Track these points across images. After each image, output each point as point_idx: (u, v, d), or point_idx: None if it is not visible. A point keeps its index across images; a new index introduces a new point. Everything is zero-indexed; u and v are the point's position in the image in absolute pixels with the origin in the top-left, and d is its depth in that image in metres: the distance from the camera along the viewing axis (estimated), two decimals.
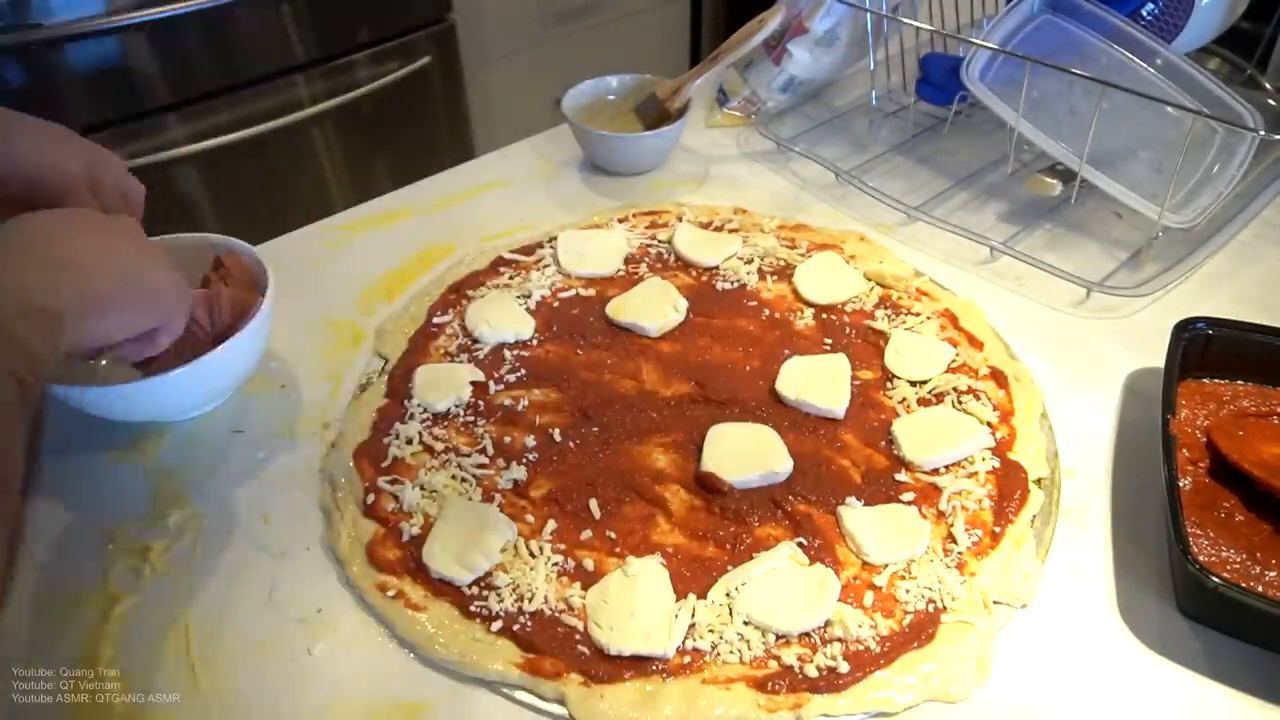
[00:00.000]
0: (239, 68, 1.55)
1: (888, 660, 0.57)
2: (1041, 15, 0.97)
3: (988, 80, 0.93)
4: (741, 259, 0.89)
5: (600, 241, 0.91)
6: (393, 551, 0.63)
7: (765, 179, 1.04)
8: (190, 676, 0.57)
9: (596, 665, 0.57)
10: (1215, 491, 0.65)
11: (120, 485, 0.69)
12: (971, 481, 0.67)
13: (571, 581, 0.62)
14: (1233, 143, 0.90)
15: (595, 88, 1.06)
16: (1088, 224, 0.94)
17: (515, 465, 0.69)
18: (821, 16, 1.03)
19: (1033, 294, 0.86)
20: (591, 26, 2.11)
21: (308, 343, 0.81)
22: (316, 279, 0.89)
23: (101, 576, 0.63)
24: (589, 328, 0.82)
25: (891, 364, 0.77)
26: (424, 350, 0.79)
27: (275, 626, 0.60)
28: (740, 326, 0.82)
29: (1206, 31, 1.04)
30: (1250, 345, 0.72)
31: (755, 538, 0.64)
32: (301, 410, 0.75)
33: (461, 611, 0.60)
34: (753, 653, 0.57)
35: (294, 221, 0.96)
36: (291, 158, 1.68)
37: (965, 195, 0.99)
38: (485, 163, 1.08)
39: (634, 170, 1.04)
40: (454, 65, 1.85)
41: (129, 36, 1.40)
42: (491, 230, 0.95)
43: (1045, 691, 0.56)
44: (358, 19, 1.66)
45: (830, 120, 1.12)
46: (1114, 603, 0.61)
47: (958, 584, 0.61)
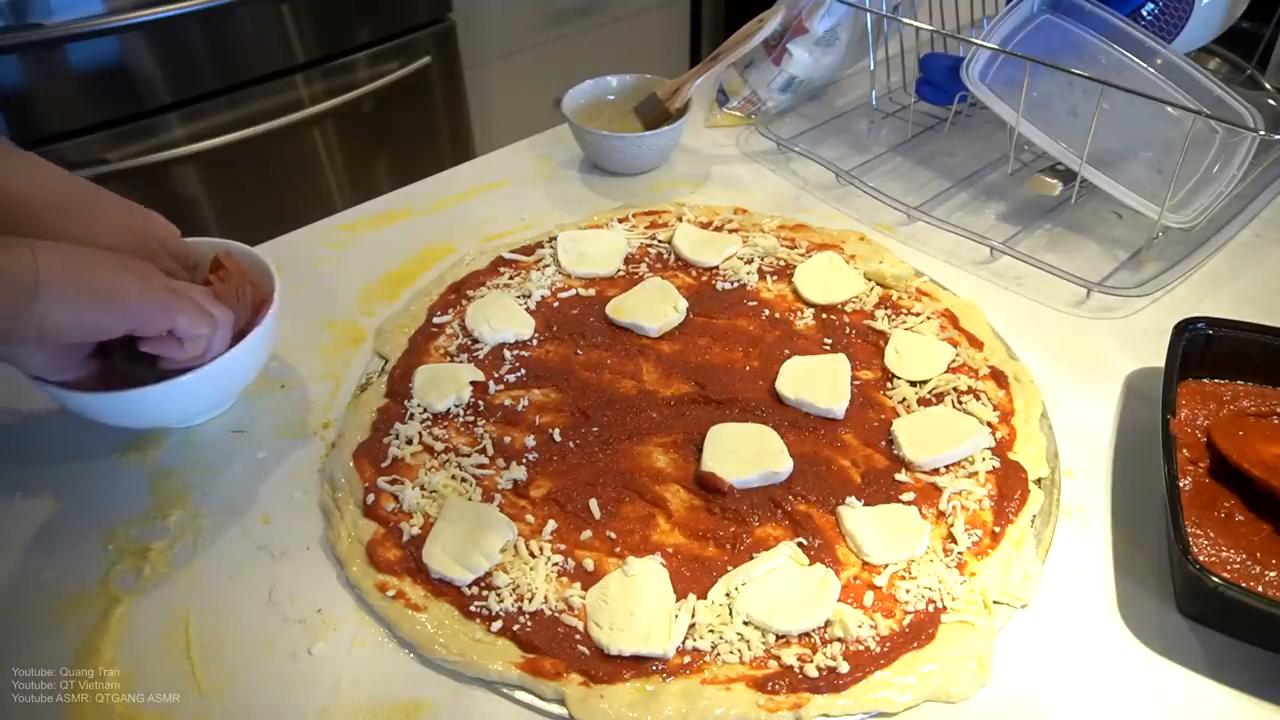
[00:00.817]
0: (239, 68, 1.55)
1: (888, 660, 0.57)
2: (1041, 15, 0.97)
3: (988, 80, 0.93)
4: (741, 259, 0.89)
5: (600, 241, 0.91)
6: (393, 551, 0.63)
7: (765, 179, 1.04)
8: (190, 676, 0.57)
9: (596, 665, 0.57)
10: (1215, 491, 0.65)
11: (120, 485, 0.69)
12: (971, 481, 0.67)
13: (571, 581, 0.62)
14: (1233, 143, 0.90)
15: (595, 88, 1.06)
16: (1088, 224, 0.94)
17: (515, 465, 0.69)
18: (821, 16, 1.03)
19: (1033, 294, 0.86)
20: (591, 26, 2.11)
21: (308, 343, 0.81)
22: (316, 279, 0.89)
23: (101, 576, 0.63)
24: (589, 328, 0.82)
25: (891, 364, 0.77)
26: (424, 350, 0.79)
27: (275, 626, 0.60)
28: (740, 326, 0.82)
29: (1206, 31, 1.04)
30: (1250, 345, 0.72)
31: (755, 538, 0.64)
32: (301, 410, 0.75)
33: (461, 611, 0.60)
34: (753, 653, 0.57)
35: (294, 221, 0.96)
36: (291, 158, 1.68)
37: (965, 195, 1.00)
38: (485, 163, 1.08)
39: (634, 170, 1.04)
40: (454, 65, 1.85)
41: (129, 36, 1.40)
42: (491, 230, 0.95)
43: (1045, 691, 0.56)
44: (358, 19, 1.66)
45: (830, 120, 1.12)
46: (1114, 603, 0.61)
47: (958, 584, 0.61)
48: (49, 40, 1.34)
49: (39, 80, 1.36)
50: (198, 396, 0.70)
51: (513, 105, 2.04)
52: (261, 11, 1.52)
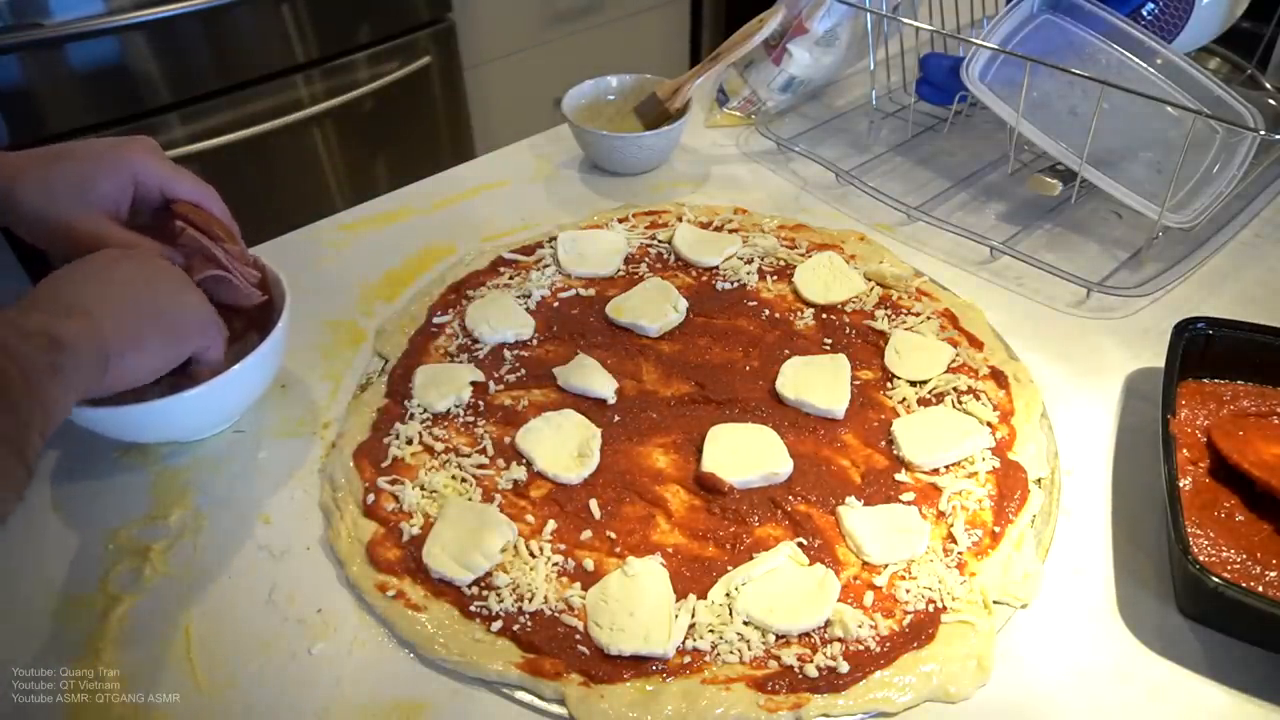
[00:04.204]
0: (239, 68, 1.55)
1: (888, 660, 0.57)
2: (1041, 15, 0.97)
3: (988, 80, 0.93)
4: (741, 259, 0.89)
5: (600, 241, 0.91)
6: (393, 551, 0.63)
7: (765, 179, 1.04)
8: (190, 676, 0.57)
9: (596, 665, 0.57)
10: (1215, 491, 0.65)
11: (121, 485, 0.69)
12: (971, 481, 0.67)
13: (571, 581, 0.62)
14: (1233, 143, 0.90)
15: (595, 88, 1.06)
16: (1088, 224, 0.94)
17: (515, 465, 0.69)
18: (821, 16, 1.03)
19: (1033, 294, 0.86)
20: (591, 26, 2.11)
21: (308, 343, 0.81)
22: (316, 279, 0.89)
23: (102, 576, 0.63)
24: (589, 328, 0.82)
25: (891, 364, 0.77)
26: (424, 350, 0.79)
27: (275, 626, 0.60)
28: (740, 326, 0.82)
29: (1206, 31, 1.04)
30: (1250, 345, 0.72)
31: (755, 538, 0.64)
32: (301, 410, 0.75)
33: (461, 611, 0.60)
34: (753, 653, 0.57)
35: (294, 221, 0.96)
36: (291, 158, 1.68)
37: (965, 195, 0.99)
38: (485, 163, 1.08)
39: (634, 170, 1.04)
40: (454, 65, 1.85)
41: (129, 36, 1.40)
42: (491, 230, 0.95)
43: (1045, 691, 0.56)
44: (358, 19, 1.66)
45: (830, 120, 1.12)
46: (1114, 603, 0.61)
47: (958, 584, 0.61)
48: (49, 40, 1.33)
49: (39, 80, 1.36)
50: (205, 411, 0.70)
51: (513, 105, 2.04)
52: (261, 11, 1.52)
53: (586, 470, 0.68)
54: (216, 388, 0.65)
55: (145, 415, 0.65)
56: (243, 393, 0.70)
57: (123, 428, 0.68)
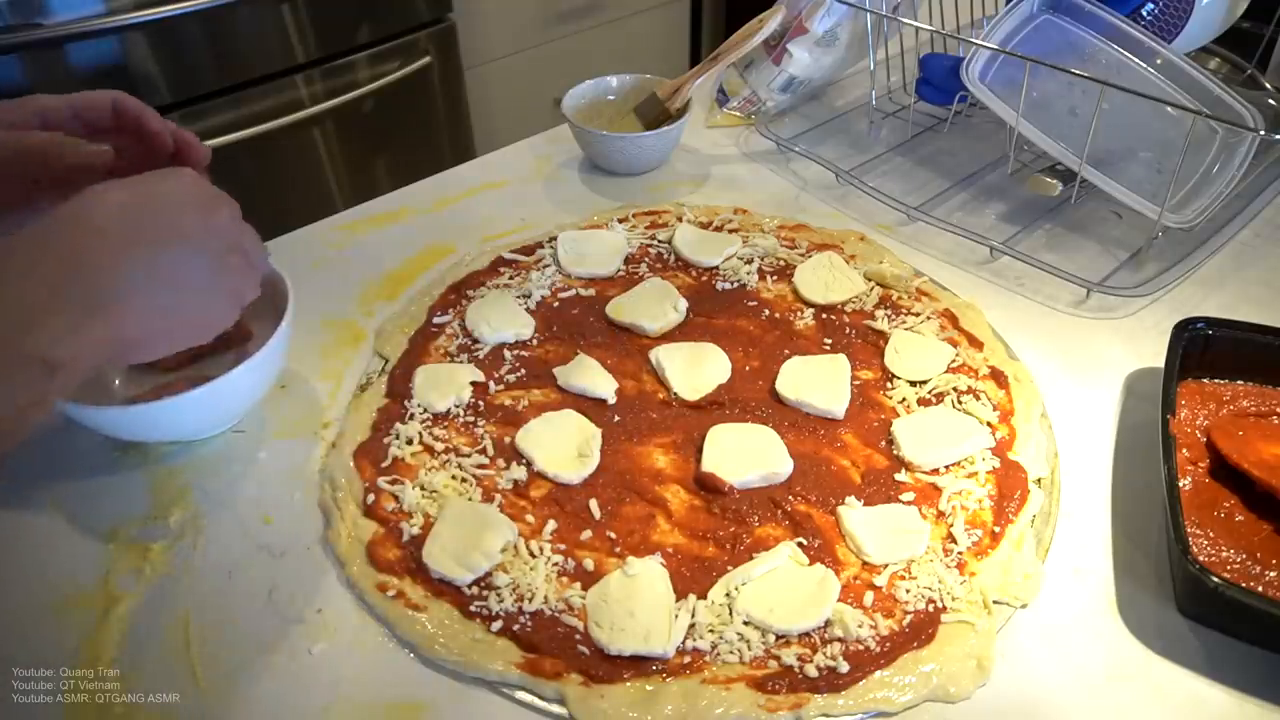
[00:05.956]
0: (239, 68, 1.55)
1: (888, 660, 0.57)
2: (1041, 15, 0.97)
3: (988, 80, 0.93)
4: (741, 259, 0.89)
5: (600, 241, 0.91)
6: (392, 551, 0.63)
7: (765, 179, 1.04)
8: (190, 676, 0.57)
9: (596, 665, 0.57)
10: (1215, 491, 0.65)
11: (120, 485, 0.69)
12: (971, 481, 0.67)
13: (571, 581, 0.62)
14: (1233, 143, 0.90)
15: (595, 88, 1.06)
16: (1088, 224, 0.94)
17: (515, 465, 0.69)
18: (821, 16, 1.03)
19: (1033, 294, 0.86)
20: (591, 26, 2.11)
21: (308, 343, 0.81)
22: (316, 279, 0.89)
23: (101, 576, 0.63)
24: (589, 328, 0.82)
25: (891, 364, 0.77)
26: (424, 350, 0.79)
27: (275, 626, 0.60)
28: (740, 326, 0.82)
29: (1206, 31, 1.04)
30: (1250, 345, 0.72)
31: (755, 538, 0.64)
32: (301, 410, 0.75)
33: (461, 611, 0.60)
34: (753, 653, 0.57)
35: (294, 221, 0.96)
36: (291, 158, 1.68)
37: (965, 195, 0.99)
38: (485, 163, 1.08)
39: (634, 170, 1.04)
40: (454, 65, 1.85)
41: (129, 36, 1.40)
42: (491, 230, 0.95)
43: (1045, 691, 0.56)
44: (358, 19, 1.66)
45: (830, 120, 1.12)
46: (1114, 603, 0.61)
47: (958, 584, 0.61)
48: (49, 40, 1.33)
49: (39, 80, 1.36)
50: (206, 411, 0.69)
51: (513, 105, 2.04)
52: (261, 11, 1.52)
53: (586, 470, 0.68)
54: (218, 388, 0.64)
55: (145, 415, 0.65)
56: (245, 393, 0.70)
57: (123, 428, 0.68)
